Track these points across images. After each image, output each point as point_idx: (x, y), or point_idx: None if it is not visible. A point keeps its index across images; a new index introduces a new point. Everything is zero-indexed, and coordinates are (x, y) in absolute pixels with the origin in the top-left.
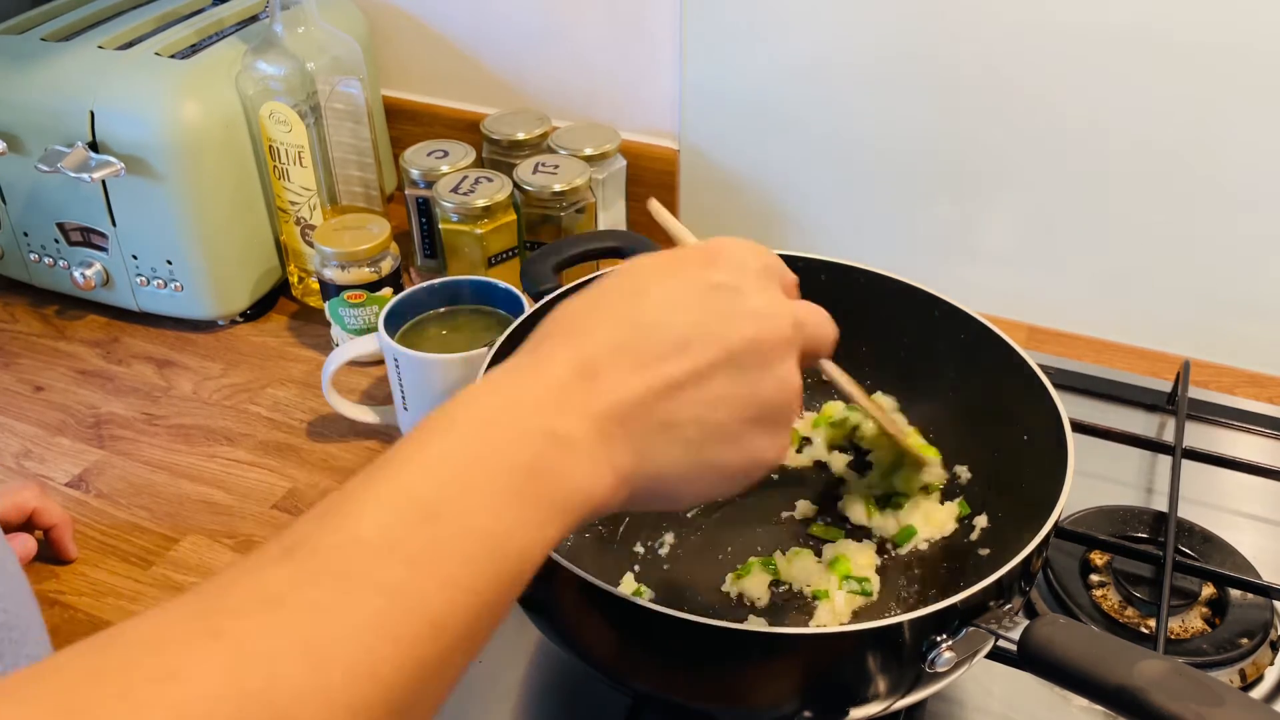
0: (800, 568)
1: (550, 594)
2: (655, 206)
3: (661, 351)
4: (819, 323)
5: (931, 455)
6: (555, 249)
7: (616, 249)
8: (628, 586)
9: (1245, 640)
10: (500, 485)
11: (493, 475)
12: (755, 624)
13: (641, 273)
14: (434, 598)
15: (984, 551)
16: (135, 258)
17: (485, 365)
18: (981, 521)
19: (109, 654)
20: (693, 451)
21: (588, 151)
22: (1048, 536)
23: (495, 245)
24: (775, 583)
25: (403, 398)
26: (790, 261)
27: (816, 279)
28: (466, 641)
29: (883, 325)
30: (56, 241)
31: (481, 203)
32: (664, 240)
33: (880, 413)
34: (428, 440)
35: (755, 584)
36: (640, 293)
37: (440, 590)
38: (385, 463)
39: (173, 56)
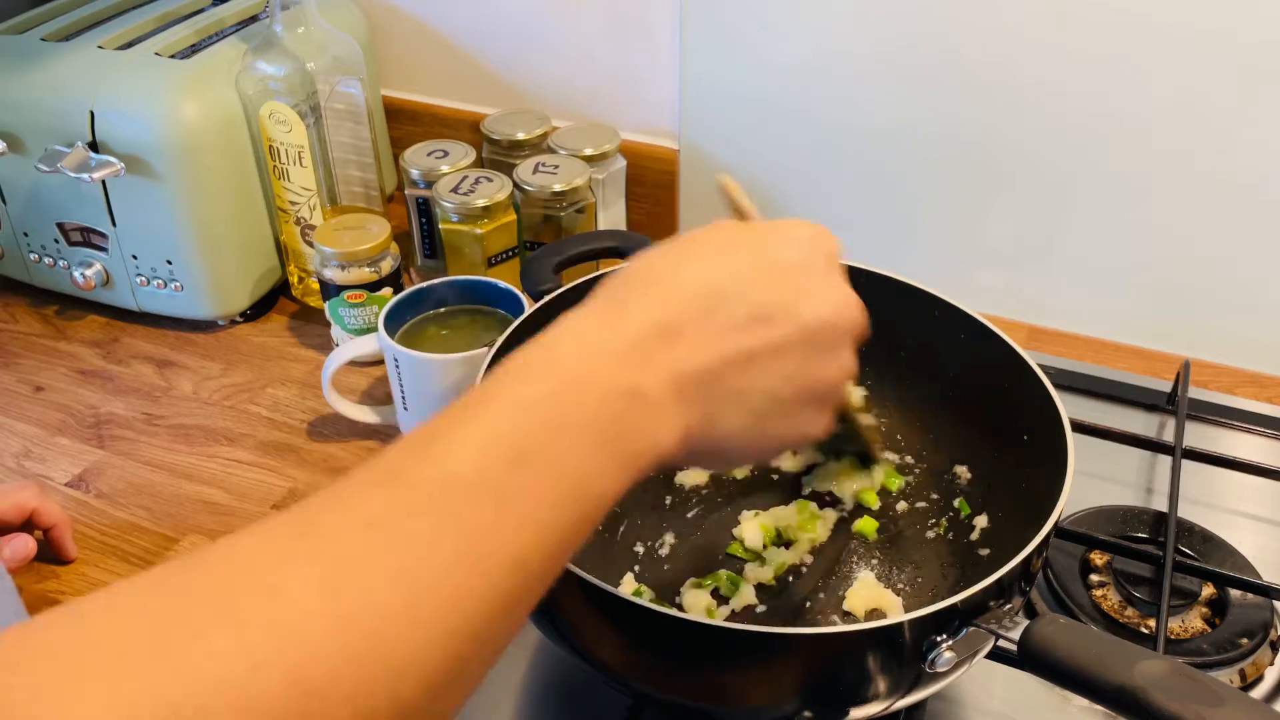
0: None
1: (551, 594)
2: (726, 182)
3: (742, 321)
4: (864, 313)
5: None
6: (555, 249)
7: (616, 249)
8: (628, 587)
9: (1245, 640)
10: (584, 435)
11: (578, 425)
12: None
13: (723, 240)
14: (520, 537)
15: (984, 551)
16: (135, 258)
17: (485, 366)
18: (981, 521)
19: (211, 570)
20: (755, 420)
21: (588, 151)
22: (1048, 536)
23: (495, 245)
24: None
25: (403, 398)
26: None
27: None
28: (543, 579)
29: (883, 325)
30: (56, 241)
31: (481, 203)
32: (668, 236)
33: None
34: (513, 386)
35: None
36: (723, 258)
37: (526, 531)
38: (472, 404)
39: (173, 56)
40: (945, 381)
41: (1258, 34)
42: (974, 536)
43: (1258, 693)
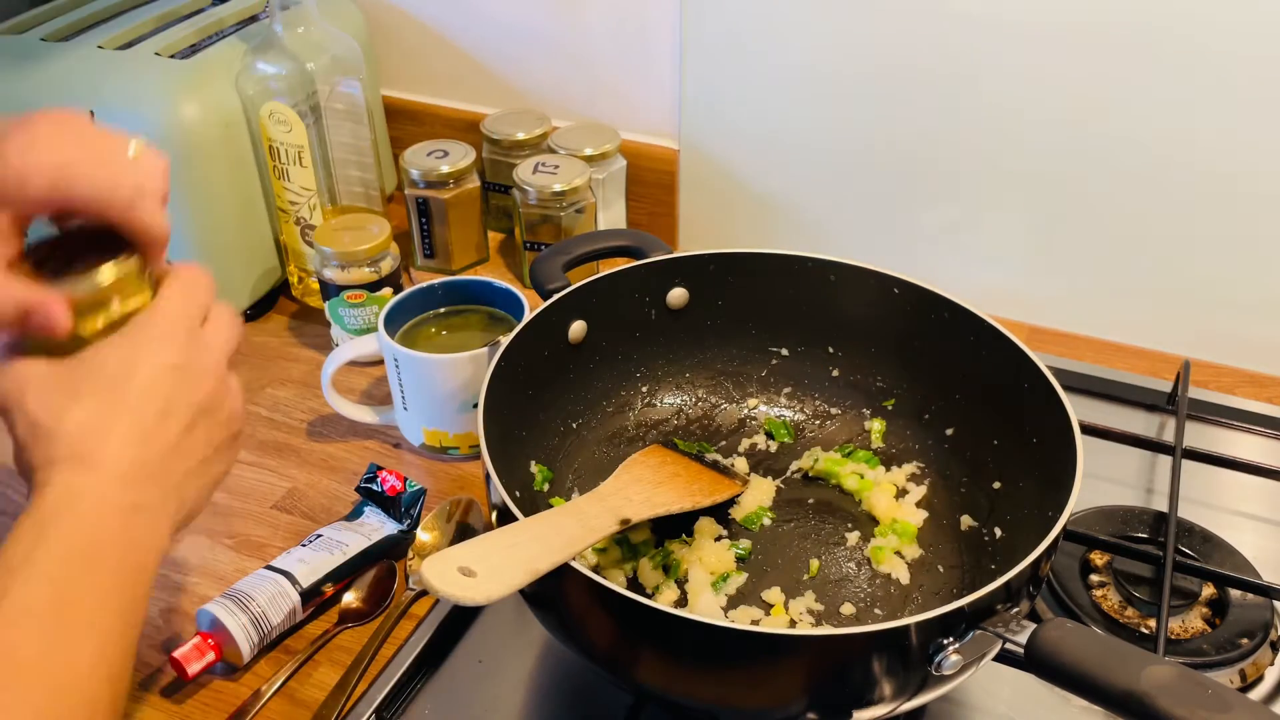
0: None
1: (558, 592)
2: None
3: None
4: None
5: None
6: (563, 248)
7: (626, 248)
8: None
9: (1245, 640)
10: None
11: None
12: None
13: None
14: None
15: (991, 554)
16: None
17: (491, 366)
18: (989, 524)
19: None
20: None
21: (588, 151)
22: (1056, 539)
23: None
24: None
25: (402, 398)
26: (796, 262)
27: (826, 279)
28: None
29: (891, 327)
30: None
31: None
32: (668, 236)
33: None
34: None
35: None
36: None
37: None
38: None
39: (173, 56)
40: (953, 384)
41: (1252, 37)
42: (982, 539)
43: (1258, 693)
